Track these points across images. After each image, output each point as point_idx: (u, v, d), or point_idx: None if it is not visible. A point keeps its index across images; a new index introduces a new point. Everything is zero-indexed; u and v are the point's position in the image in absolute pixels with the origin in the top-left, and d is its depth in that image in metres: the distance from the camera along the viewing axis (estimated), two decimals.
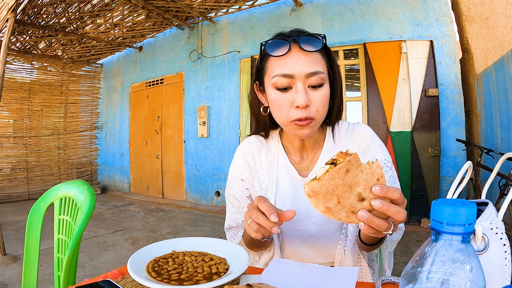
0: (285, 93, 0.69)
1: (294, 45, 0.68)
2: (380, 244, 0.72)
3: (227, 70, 4.88)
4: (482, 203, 0.52)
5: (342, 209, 0.46)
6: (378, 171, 0.46)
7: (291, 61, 0.67)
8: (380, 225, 0.48)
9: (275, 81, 0.69)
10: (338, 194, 0.45)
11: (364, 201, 0.46)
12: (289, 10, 4.34)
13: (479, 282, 0.29)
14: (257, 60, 0.78)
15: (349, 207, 0.46)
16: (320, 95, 0.68)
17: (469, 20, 3.69)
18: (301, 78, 0.67)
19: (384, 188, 0.46)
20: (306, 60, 0.67)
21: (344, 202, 0.45)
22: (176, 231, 3.75)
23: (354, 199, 0.46)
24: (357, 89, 3.96)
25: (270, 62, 0.71)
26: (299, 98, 0.66)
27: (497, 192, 2.56)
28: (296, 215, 0.77)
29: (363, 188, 0.46)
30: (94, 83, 6.98)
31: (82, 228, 0.95)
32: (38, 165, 6.16)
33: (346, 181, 0.45)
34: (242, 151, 0.87)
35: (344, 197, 0.45)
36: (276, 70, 0.69)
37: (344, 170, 0.45)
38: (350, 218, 0.47)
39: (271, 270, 0.59)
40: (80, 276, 2.38)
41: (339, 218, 0.46)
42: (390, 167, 0.78)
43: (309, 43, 0.68)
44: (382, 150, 0.79)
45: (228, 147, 4.85)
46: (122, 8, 4.52)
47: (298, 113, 0.68)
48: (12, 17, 3.01)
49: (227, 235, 0.86)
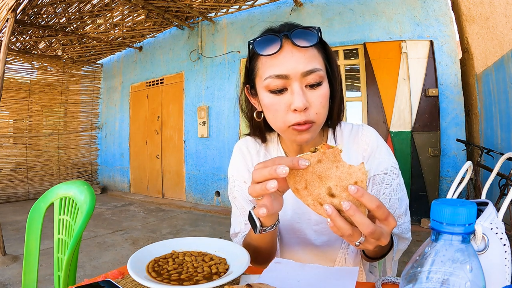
0: (280, 96, 0.62)
1: (286, 41, 0.61)
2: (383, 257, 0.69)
3: (227, 70, 4.88)
4: (482, 203, 0.52)
5: (309, 196, 0.46)
6: (358, 175, 0.44)
7: (284, 60, 0.60)
8: (342, 228, 0.44)
9: (268, 83, 0.62)
10: (306, 180, 0.45)
11: (334, 198, 0.45)
12: (289, 10, 4.34)
13: (479, 282, 0.29)
14: (246, 61, 0.70)
15: (317, 196, 0.45)
16: (319, 95, 0.62)
17: (469, 20, 3.69)
18: (297, 78, 0.60)
19: (360, 190, 0.42)
20: (301, 57, 0.60)
21: (311, 189, 0.45)
22: (176, 231, 3.75)
23: (324, 191, 0.45)
24: (357, 89, 3.96)
25: (260, 62, 0.64)
26: (296, 100, 0.59)
27: (497, 192, 2.56)
28: (297, 223, 0.76)
29: (334, 184, 0.44)
30: (94, 83, 6.98)
31: (82, 228, 0.95)
32: (38, 165, 6.16)
33: (316, 170, 0.45)
34: (239, 151, 0.82)
35: (312, 185, 0.45)
36: (268, 71, 0.62)
37: (316, 159, 0.45)
38: (317, 208, 0.46)
39: (271, 270, 0.59)
40: (80, 276, 2.37)
41: (307, 204, 0.47)
42: (397, 175, 0.72)
43: (303, 37, 0.60)
44: (388, 157, 0.73)
45: (228, 147, 4.85)
46: (122, 8, 4.52)
47: (297, 116, 0.61)
48: (12, 17, 3.01)
49: (233, 241, 0.80)
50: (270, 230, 0.60)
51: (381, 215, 0.44)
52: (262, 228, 0.59)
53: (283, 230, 0.79)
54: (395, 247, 0.68)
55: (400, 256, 0.75)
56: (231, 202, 0.82)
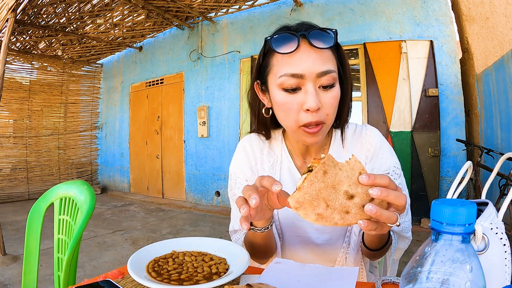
0: (293, 95, 0.62)
1: (304, 41, 0.61)
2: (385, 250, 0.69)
3: (227, 70, 4.88)
4: (482, 203, 0.52)
5: (333, 212, 0.43)
6: (357, 165, 0.44)
7: (300, 59, 0.61)
8: (389, 217, 0.43)
9: (282, 81, 0.62)
10: (324, 198, 0.43)
11: (354, 198, 0.43)
12: (289, 10, 4.34)
13: (479, 282, 0.29)
14: (259, 56, 0.70)
15: (340, 208, 0.43)
16: (331, 96, 0.63)
17: (469, 20, 3.69)
18: (311, 78, 0.61)
19: (371, 176, 0.42)
20: (317, 58, 0.60)
21: (333, 204, 0.43)
22: (176, 231, 3.75)
23: (343, 198, 0.43)
24: (357, 89, 3.96)
25: (275, 59, 0.64)
26: (309, 101, 0.60)
27: (497, 192, 2.56)
28: (298, 222, 0.77)
29: (348, 185, 0.43)
30: (94, 83, 6.98)
31: (82, 228, 0.95)
32: (38, 165, 6.16)
33: (327, 183, 0.43)
34: (243, 149, 0.81)
35: (331, 199, 0.43)
36: (283, 69, 0.62)
37: (321, 173, 0.43)
38: (346, 219, 0.43)
39: (271, 270, 0.59)
40: (80, 276, 2.37)
41: (334, 223, 0.43)
42: (399, 175, 0.73)
43: (320, 38, 0.61)
44: (391, 157, 0.74)
45: (228, 147, 4.85)
46: (122, 8, 4.52)
47: (308, 116, 0.61)
48: (12, 17, 3.01)
49: (232, 238, 0.81)
50: (261, 231, 0.62)
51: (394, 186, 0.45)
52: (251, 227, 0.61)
53: (284, 228, 0.79)
54: (394, 244, 0.69)
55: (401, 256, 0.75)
56: (230, 199, 0.82)
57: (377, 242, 0.65)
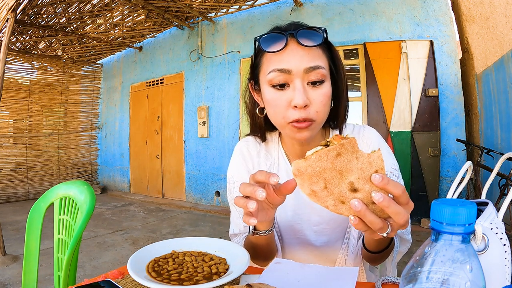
0: (282, 91, 0.63)
1: (292, 40, 0.62)
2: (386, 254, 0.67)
3: (227, 70, 4.88)
4: (482, 203, 0.52)
5: (329, 196, 0.41)
6: (378, 162, 0.41)
7: (288, 56, 0.61)
8: (372, 222, 0.41)
9: (271, 78, 0.63)
10: (326, 179, 0.40)
11: (357, 193, 0.41)
12: (289, 10, 4.34)
13: (479, 282, 0.29)
14: (251, 57, 0.72)
15: (338, 195, 0.41)
16: (320, 93, 0.62)
17: (469, 20, 3.69)
18: (299, 74, 0.61)
19: (385, 178, 0.40)
20: (305, 55, 0.61)
21: (331, 188, 0.41)
22: (176, 231, 3.75)
23: (345, 187, 0.41)
24: (357, 89, 3.96)
25: (265, 58, 0.66)
26: (297, 97, 0.60)
27: (497, 192, 2.56)
28: (297, 224, 0.77)
29: (356, 178, 0.40)
30: (94, 83, 6.98)
31: (82, 228, 0.95)
32: (38, 165, 6.16)
33: (336, 166, 0.40)
34: (240, 152, 0.81)
35: (332, 183, 0.40)
36: (271, 66, 0.63)
37: (334, 153, 0.40)
38: (339, 208, 0.42)
39: (271, 270, 0.59)
40: (80, 276, 2.37)
41: (326, 206, 0.42)
42: (397, 176, 0.73)
43: (308, 37, 0.62)
44: (388, 157, 0.74)
45: (228, 147, 4.85)
46: (122, 8, 4.52)
47: (296, 113, 0.61)
48: (12, 17, 3.01)
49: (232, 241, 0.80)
50: (265, 234, 0.62)
51: (405, 199, 0.42)
52: (254, 231, 0.61)
53: (283, 231, 0.79)
54: (396, 248, 0.68)
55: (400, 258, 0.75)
56: (230, 203, 0.82)
57: (376, 244, 0.64)
